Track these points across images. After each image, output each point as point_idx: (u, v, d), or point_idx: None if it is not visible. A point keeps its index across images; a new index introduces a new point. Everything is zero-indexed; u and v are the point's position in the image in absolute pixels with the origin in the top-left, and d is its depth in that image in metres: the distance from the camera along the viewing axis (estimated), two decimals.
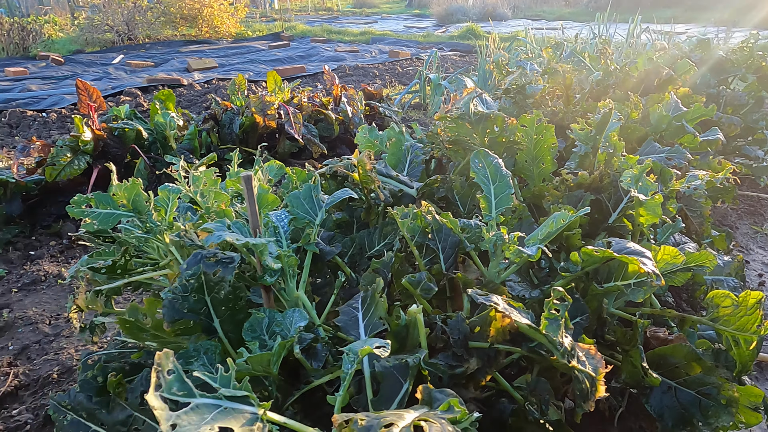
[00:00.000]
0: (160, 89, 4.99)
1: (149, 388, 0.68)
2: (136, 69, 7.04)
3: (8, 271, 2.02)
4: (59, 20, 14.02)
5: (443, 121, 1.18)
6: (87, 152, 2.44)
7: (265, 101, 2.99)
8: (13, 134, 3.93)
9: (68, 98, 4.74)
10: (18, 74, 6.37)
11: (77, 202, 1.06)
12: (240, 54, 8.44)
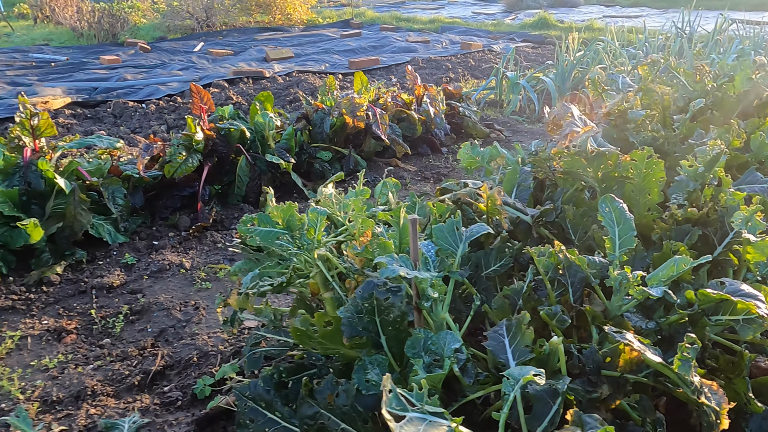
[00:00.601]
0: (244, 81, 5.26)
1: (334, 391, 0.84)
2: (217, 58, 7.37)
3: (137, 259, 2.28)
4: (140, 5, 14.68)
5: (559, 155, 1.29)
6: (198, 151, 2.68)
7: (355, 103, 3.14)
8: (117, 124, 4.27)
9: (162, 89, 5.06)
10: (112, 62, 6.80)
11: (244, 221, 1.24)
12: (313, 43, 8.64)
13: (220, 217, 2.61)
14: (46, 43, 8.94)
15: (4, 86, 5.50)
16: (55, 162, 2.39)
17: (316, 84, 5.07)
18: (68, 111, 4.38)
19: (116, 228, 2.40)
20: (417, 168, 3.33)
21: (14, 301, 1.99)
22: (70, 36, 9.36)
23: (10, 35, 9.76)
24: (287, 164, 2.85)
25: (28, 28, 10.65)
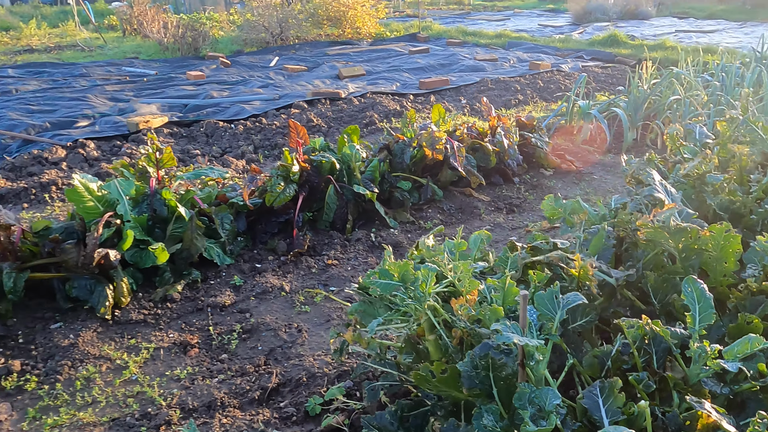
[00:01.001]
0: (322, 101, 5.56)
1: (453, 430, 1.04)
2: (293, 74, 7.76)
3: (244, 280, 2.57)
4: (216, 16, 15.43)
5: (644, 227, 1.45)
6: (294, 181, 2.96)
7: (435, 137, 3.35)
8: (209, 143, 4.65)
9: (247, 109, 5.43)
10: (198, 78, 7.30)
11: (368, 275, 1.47)
12: (382, 59, 8.92)
13: (312, 242, 2.88)
14: (135, 56, 9.62)
15: (106, 102, 6.04)
16: (175, 190, 2.72)
17: (390, 106, 5.31)
18: (166, 130, 4.79)
19: (224, 250, 2.70)
20: (490, 198, 3.50)
21: (145, 315, 2.31)
22: (157, 49, 10.02)
23: (103, 47, 10.55)
24: (371, 194, 3.09)
25: (118, 40, 11.46)
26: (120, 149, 4.42)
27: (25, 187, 3.58)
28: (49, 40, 11.98)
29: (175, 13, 16.16)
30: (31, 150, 4.41)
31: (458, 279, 1.38)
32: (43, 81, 7.32)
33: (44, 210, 3.35)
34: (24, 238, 2.43)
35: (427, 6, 21.15)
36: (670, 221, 1.40)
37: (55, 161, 4.18)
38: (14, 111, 5.59)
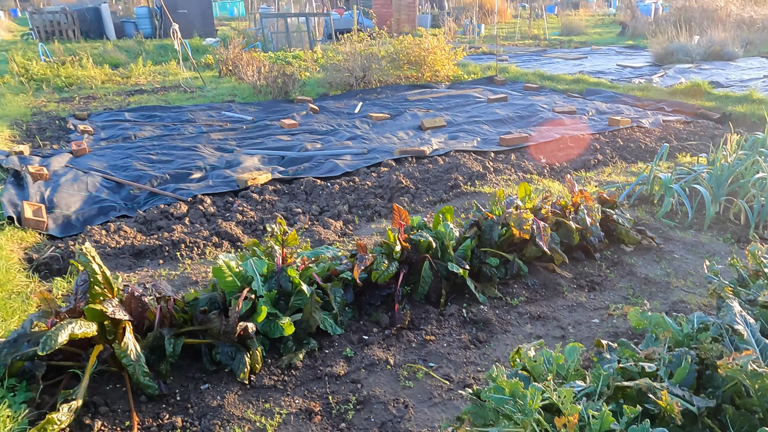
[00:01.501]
0: (409, 160, 5.96)
1: None
2: (377, 122, 8.25)
3: (354, 352, 2.95)
4: (301, 54, 16.37)
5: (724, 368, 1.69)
6: (396, 259, 3.33)
7: (522, 218, 3.64)
8: (309, 201, 5.14)
9: (340, 166, 5.90)
10: (291, 127, 7.92)
11: (487, 390, 1.79)
12: (461, 106, 9.28)
13: (410, 316, 3.23)
14: (231, 99, 10.47)
15: (213, 152, 6.72)
16: (296, 267, 3.15)
17: (473, 168, 5.63)
18: (271, 187, 5.33)
19: (336, 321, 3.10)
20: (572, 275, 3.74)
21: (275, 381, 2.72)
22: (251, 92, 10.85)
23: (203, 89, 11.53)
24: (464, 271, 3.42)
25: (215, 81, 12.45)
26: (232, 205, 4.98)
27: (159, 244, 4.15)
28: (154, 79, 13.18)
29: (263, 51, 17.30)
30: (158, 204, 5.05)
31: (561, 402, 1.68)
32: (156, 126, 8.17)
33: (177, 268, 3.89)
34: (176, 306, 2.92)
35: (503, 41, 21.41)
36: (747, 366, 1.64)
37: (179, 216, 4.79)
38: (137, 160, 6.35)
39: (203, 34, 25.88)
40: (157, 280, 3.70)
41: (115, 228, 4.50)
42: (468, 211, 4.72)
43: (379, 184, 5.35)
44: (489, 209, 3.91)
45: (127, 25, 25.61)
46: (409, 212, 4.85)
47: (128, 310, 2.71)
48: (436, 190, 5.22)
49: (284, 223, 3.20)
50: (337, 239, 4.31)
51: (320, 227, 4.49)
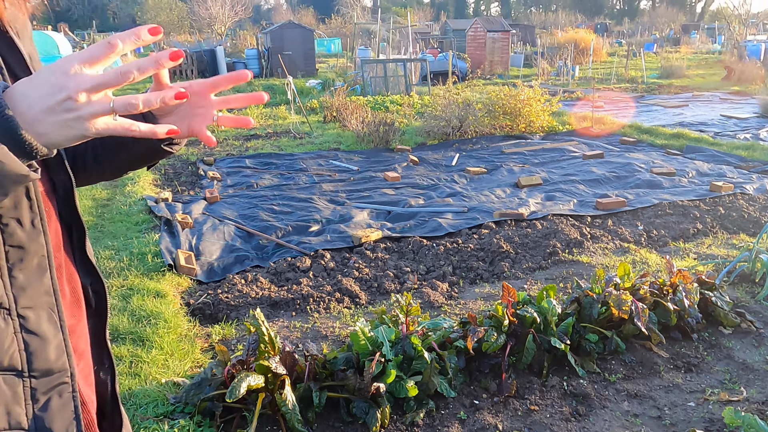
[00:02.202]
0: (508, 223, 6.35)
1: None
2: (474, 177, 8.72)
3: (467, 415, 3.38)
4: (398, 99, 17.21)
5: None
6: (504, 332, 3.76)
7: (621, 299, 3.95)
8: (416, 260, 5.66)
9: (443, 226, 6.40)
10: (394, 180, 8.55)
11: None
12: (556, 162, 9.56)
13: (516, 385, 3.62)
14: (336, 146, 11.34)
15: (327, 204, 7.46)
16: (417, 334, 3.66)
17: (571, 234, 5.93)
18: (382, 245, 5.92)
19: (450, 385, 3.56)
20: (669, 355, 3.98)
21: None
22: (354, 140, 11.68)
23: (310, 134, 12.54)
24: (565, 346, 3.77)
25: (320, 126, 13.47)
26: (349, 261, 5.60)
27: (291, 297, 4.82)
28: (266, 122, 14.43)
29: (362, 95, 18.33)
30: (284, 256, 5.77)
31: None
32: (273, 175, 9.10)
33: (308, 320, 4.52)
34: (317, 363, 3.50)
35: (598, 85, 21.28)
36: None
37: (304, 269, 5.47)
38: (262, 210, 7.19)
39: (306, 73, 27.60)
40: (292, 332, 4.34)
41: (252, 278, 5.23)
42: (566, 280, 5.05)
43: (480, 246, 5.80)
44: (589, 286, 4.24)
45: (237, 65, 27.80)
46: (509, 277, 5.25)
47: (285, 365, 3.32)
48: (535, 256, 5.58)
49: (410, 297, 3.72)
50: (444, 302, 4.79)
51: (428, 288, 4.99)
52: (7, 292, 0.93)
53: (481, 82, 23.00)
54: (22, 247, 0.93)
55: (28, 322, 0.96)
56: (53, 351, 0.99)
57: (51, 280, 0.98)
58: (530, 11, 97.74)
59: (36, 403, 0.97)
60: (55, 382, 0.99)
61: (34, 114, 0.74)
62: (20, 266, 0.94)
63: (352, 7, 62.34)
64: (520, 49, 33.65)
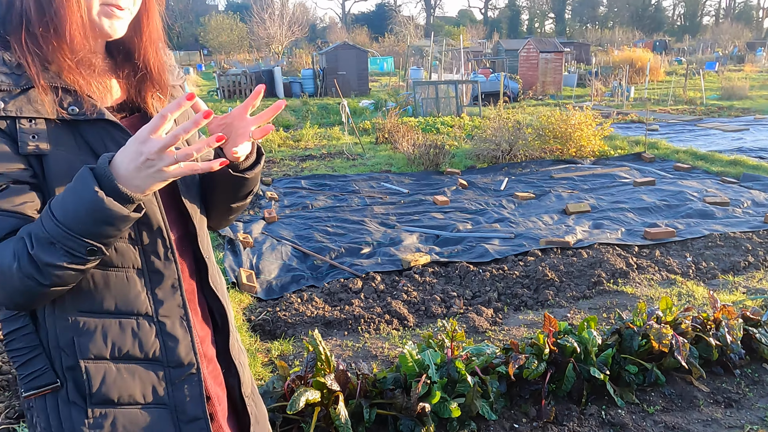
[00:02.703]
0: (554, 251, 6.50)
1: None
2: (522, 202, 8.88)
3: None
4: (449, 120, 17.48)
5: None
6: (544, 360, 3.95)
7: (662, 333, 4.08)
8: (462, 285, 5.90)
9: (490, 252, 6.61)
10: (443, 204, 8.82)
11: None
12: (605, 188, 9.59)
13: (555, 412, 3.81)
14: (388, 168, 11.71)
15: (378, 227, 7.80)
16: (461, 359, 3.90)
17: (616, 264, 6.03)
18: (430, 269, 6.19)
19: (491, 408, 3.78)
20: (709, 389, 4.07)
21: None
22: (405, 162, 12.02)
23: (363, 156, 12.98)
24: (604, 376, 3.93)
25: (372, 148, 13.90)
26: (398, 284, 5.90)
27: (344, 317, 5.15)
28: (320, 143, 15.00)
29: (414, 116, 18.71)
30: (337, 277, 6.13)
31: None
32: (327, 196, 9.53)
33: (359, 340, 4.84)
34: (367, 381, 3.80)
35: (653, 107, 20.95)
36: None
37: (356, 291, 5.80)
38: (317, 231, 7.60)
39: (359, 93, 28.27)
40: (344, 351, 4.66)
41: (307, 297, 5.61)
42: (610, 310, 5.17)
43: (526, 274, 5.98)
44: (630, 319, 4.38)
45: (293, 84, 28.77)
46: (553, 305, 5.42)
47: (339, 382, 3.64)
48: (580, 285, 5.72)
49: (455, 324, 3.98)
50: (488, 327, 5.00)
51: (474, 314, 5.22)
52: (150, 305, 1.33)
53: (532, 103, 23.01)
54: (160, 272, 1.33)
55: (165, 327, 1.35)
56: (183, 349, 1.38)
57: (181, 297, 1.38)
58: (586, 28, 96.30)
59: (173, 386, 1.37)
60: (186, 373, 1.38)
61: (128, 173, 1.06)
62: (159, 286, 1.34)
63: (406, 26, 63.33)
64: (574, 69, 33.36)
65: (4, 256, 1.08)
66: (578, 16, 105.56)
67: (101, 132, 1.20)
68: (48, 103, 1.14)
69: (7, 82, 1.10)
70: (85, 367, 1.24)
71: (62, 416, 1.24)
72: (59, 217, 1.05)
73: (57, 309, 1.23)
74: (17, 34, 1.13)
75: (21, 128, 1.11)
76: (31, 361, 1.28)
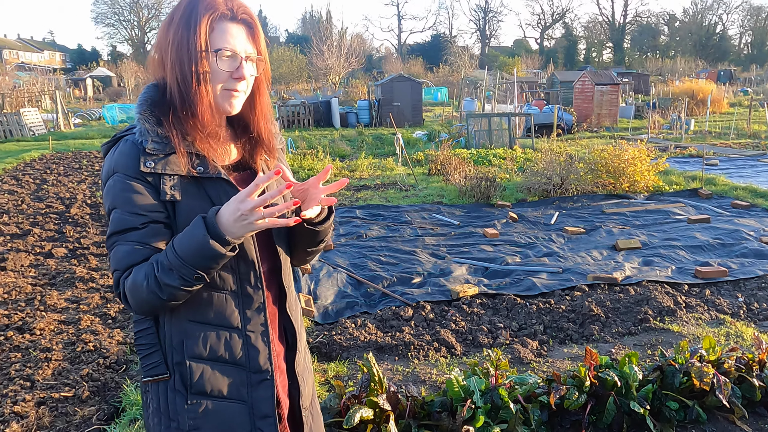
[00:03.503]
0: (601, 286, 6.63)
1: None
2: (572, 237, 9.01)
3: None
4: (501, 152, 17.69)
5: None
6: (585, 392, 4.15)
7: (704, 371, 4.20)
8: (509, 317, 6.13)
9: (537, 285, 6.81)
10: (493, 236, 9.06)
11: None
12: (658, 224, 9.58)
13: None
14: (439, 200, 12.05)
15: (428, 258, 8.12)
16: (505, 387, 4.16)
17: (664, 302, 6.12)
18: (478, 300, 6.45)
19: None
20: (752, 429, 4.14)
21: None
22: (456, 194, 12.33)
23: (415, 187, 13.39)
24: (645, 411, 4.09)
25: (425, 179, 14.30)
26: (446, 314, 6.19)
27: (395, 343, 5.48)
28: (374, 173, 15.52)
29: (466, 148, 19.02)
30: (389, 304, 6.48)
31: None
32: (381, 226, 9.94)
33: (408, 365, 5.15)
34: (416, 403, 4.11)
35: (714, 140, 20.49)
36: None
37: (407, 318, 6.13)
38: (370, 260, 8.00)
39: (412, 123, 28.85)
40: (395, 375, 4.99)
41: (360, 323, 5.98)
42: (655, 348, 5.28)
43: (572, 308, 6.15)
44: (672, 356, 4.51)
45: (350, 115, 29.68)
46: (598, 340, 5.57)
47: (390, 402, 3.97)
48: (626, 322, 5.84)
49: (500, 353, 4.25)
50: (533, 359, 5.21)
51: (519, 345, 5.44)
52: (240, 321, 1.74)
53: (587, 135, 22.90)
54: (250, 296, 1.75)
55: (250, 339, 1.76)
56: (262, 359, 1.79)
57: (264, 317, 1.79)
58: (645, 57, 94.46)
59: (251, 387, 1.77)
60: (262, 378, 1.79)
61: (228, 223, 1.45)
62: (248, 307, 1.75)
63: (460, 56, 64.10)
64: (631, 100, 32.93)
65: (138, 276, 1.48)
66: (638, 46, 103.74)
67: (218, 187, 1.58)
68: (183, 164, 1.54)
69: (157, 149, 1.51)
70: (189, 364, 1.60)
71: (169, 400, 1.60)
72: (178, 251, 1.44)
73: (174, 316, 1.61)
74: (167, 116, 1.55)
75: (163, 182, 1.51)
76: (151, 354, 1.72)
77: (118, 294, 1.54)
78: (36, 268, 7.91)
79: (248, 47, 1.57)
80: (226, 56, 1.51)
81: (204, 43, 1.48)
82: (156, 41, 1.58)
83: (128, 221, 1.48)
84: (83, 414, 4.29)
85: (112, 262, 1.53)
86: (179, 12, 1.49)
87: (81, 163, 17.94)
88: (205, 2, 1.48)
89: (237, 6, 1.52)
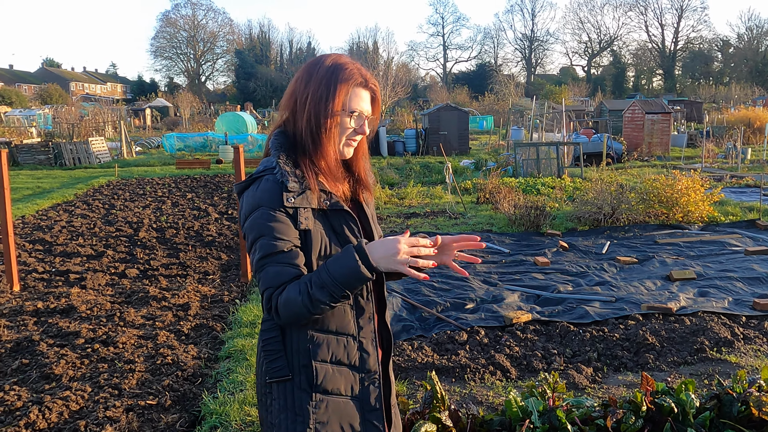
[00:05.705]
0: (656, 316, 6.68)
1: None
2: (624, 266, 9.03)
3: None
4: (549, 181, 17.71)
5: None
6: (641, 416, 4.27)
7: (762, 401, 4.26)
8: (563, 344, 6.25)
9: (590, 313, 6.90)
10: (544, 264, 9.18)
11: None
12: (713, 255, 9.48)
13: None
14: (489, 228, 12.23)
15: (481, 284, 8.32)
16: (562, 409, 4.32)
17: (721, 333, 6.12)
18: (531, 327, 6.61)
19: None
20: None
21: None
22: (506, 222, 12.49)
23: (464, 215, 13.61)
24: None
25: (473, 207, 14.52)
26: (500, 339, 6.37)
27: (452, 366, 5.70)
28: (422, 201, 15.83)
29: (514, 176, 19.14)
30: (443, 329, 6.71)
31: None
32: None
33: (465, 387, 5.35)
34: (476, 421, 4.31)
35: None
36: None
37: (461, 342, 6.34)
38: (424, 286, 8.25)
39: (459, 152, 29.15)
40: (452, 396, 5.20)
41: (417, 345, 6.23)
42: (711, 378, 5.31)
43: (626, 337, 6.23)
44: (730, 385, 4.57)
45: (397, 144, 30.21)
46: (653, 369, 5.63)
47: (451, 419, 4.20)
48: (681, 351, 5.88)
49: (557, 375, 4.43)
50: (588, 385, 5.33)
51: (573, 371, 5.57)
52: (354, 330, 2.08)
53: (637, 164, 22.64)
54: (363, 308, 2.09)
55: (363, 345, 2.10)
56: (372, 361, 2.12)
57: (373, 325, 2.13)
58: (698, 84, 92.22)
59: (363, 385, 2.10)
60: (371, 378, 2.12)
61: (379, 256, 1.79)
62: (361, 317, 2.09)
63: (506, 84, 64.35)
64: (684, 128, 32.31)
65: (292, 292, 1.76)
66: (689, 72, 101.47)
67: (339, 217, 1.92)
68: (314, 199, 1.85)
69: (296, 187, 1.83)
70: (315, 366, 1.89)
71: (295, 398, 1.88)
72: (331, 272, 1.75)
73: (301, 326, 1.97)
74: (303, 158, 1.90)
75: (299, 214, 1.84)
76: (276, 359, 2.07)
77: (269, 308, 1.82)
78: (112, 287, 8.53)
79: (369, 109, 1.95)
80: (355, 116, 1.89)
81: (341, 104, 1.85)
82: (291, 88, 1.94)
83: (276, 246, 1.78)
84: (167, 420, 4.69)
85: (263, 282, 1.81)
86: (320, 71, 1.85)
87: (145, 189, 19.01)
88: (346, 72, 1.86)
89: (369, 77, 1.93)
